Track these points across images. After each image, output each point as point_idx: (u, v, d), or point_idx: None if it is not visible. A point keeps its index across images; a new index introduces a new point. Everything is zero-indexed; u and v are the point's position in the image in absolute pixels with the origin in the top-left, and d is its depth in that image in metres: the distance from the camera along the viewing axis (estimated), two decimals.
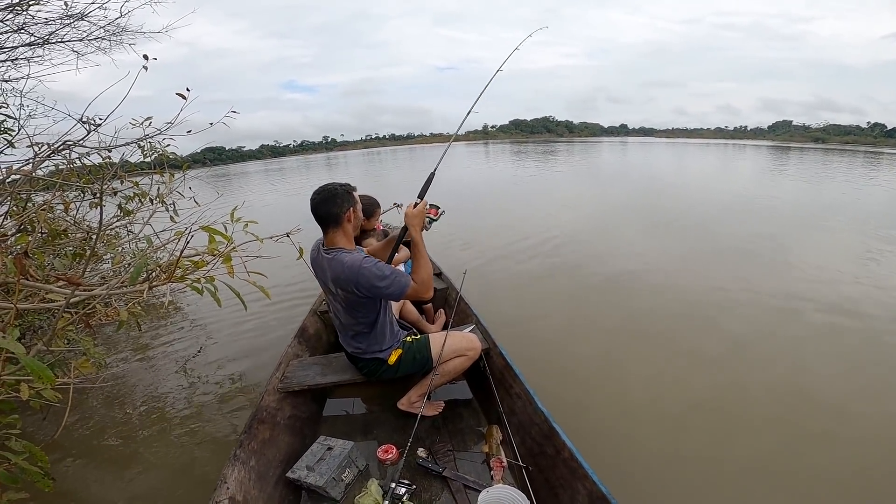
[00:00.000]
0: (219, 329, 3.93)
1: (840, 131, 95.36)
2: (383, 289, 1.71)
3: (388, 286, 1.71)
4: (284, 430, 1.93)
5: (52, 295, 1.46)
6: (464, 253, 5.81)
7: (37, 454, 1.29)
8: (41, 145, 1.98)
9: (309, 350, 2.56)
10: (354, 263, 1.70)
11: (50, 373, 1.11)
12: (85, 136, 2.00)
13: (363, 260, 1.72)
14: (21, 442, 1.30)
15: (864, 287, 4.42)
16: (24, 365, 1.00)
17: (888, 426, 2.41)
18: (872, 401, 2.64)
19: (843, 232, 6.91)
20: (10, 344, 0.95)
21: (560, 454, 1.62)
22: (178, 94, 1.79)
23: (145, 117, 2.32)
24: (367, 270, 1.69)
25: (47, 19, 2.47)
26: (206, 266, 1.10)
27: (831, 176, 16.23)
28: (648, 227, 7.18)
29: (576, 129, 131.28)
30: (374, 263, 1.72)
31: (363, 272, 1.69)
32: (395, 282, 1.72)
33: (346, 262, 1.72)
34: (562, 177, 16.65)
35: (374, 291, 1.73)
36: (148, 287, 1.03)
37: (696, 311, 3.92)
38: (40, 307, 1.31)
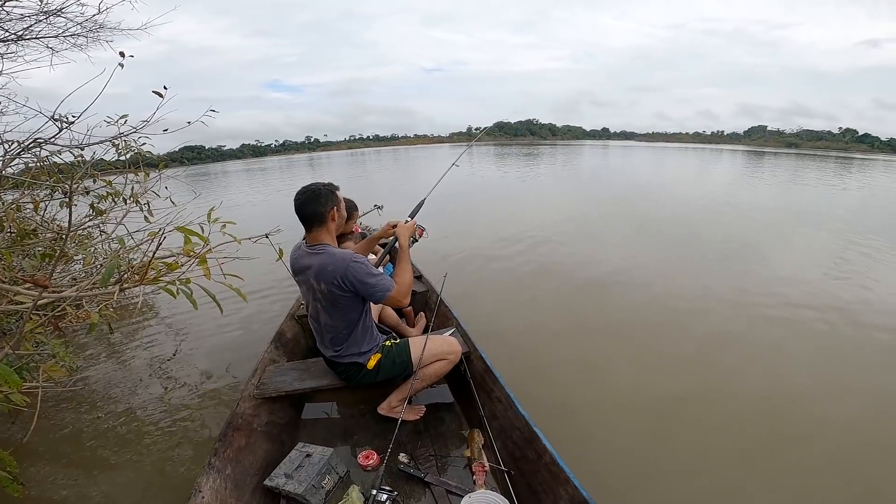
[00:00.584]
0: (195, 332, 3.85)
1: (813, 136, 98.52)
2: (370, 286, 1.73)
3: (374, 284, 1.74)
4: (261, 437, 1.89)
5: (19, 297, 1.41)
6: (444, 256, 5.81)
7: (5, 459, 1.26)
8: (11, 143, 1.91)
9: (286, 355, 2.51)
10: (345, 256, 1.73)
11: (17, 377, 1.08)
12: (57, 134, 1.95)
13: (353, 255, 1.75)
14: None
15: (835, 288, 4.58)
16: None
17: (863, 423, 2.50)
18: (844, 399, 2.73)
19: (815, 235, 7.16)
20: None
21: (541, 458, 1.62)
22: (154, 92, 1.76)
23: (120, 115, 2.27)
24: (358, 265, 1.72)
25: (22, 15, 2.40)
26: (181, 268, 1.08)
27: (804, 181, 16.86)
28: (628, 231, 7.29)
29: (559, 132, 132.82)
30: (364, 261, 1.75)
31: (353, 266, 1.71)
32: (380, 282, 1.75)
33: (337, 255, 1.74)
34: (544, 180, 16.83)
35: (359, 287, 1.74)
36: (119, 289, 1.01)
37: (676, 315, 3.98)
38: (8, 309, 1.26)
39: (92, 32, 2.76)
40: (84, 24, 2.65)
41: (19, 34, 2.45)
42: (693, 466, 2.21)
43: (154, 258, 0.99)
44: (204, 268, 1.06)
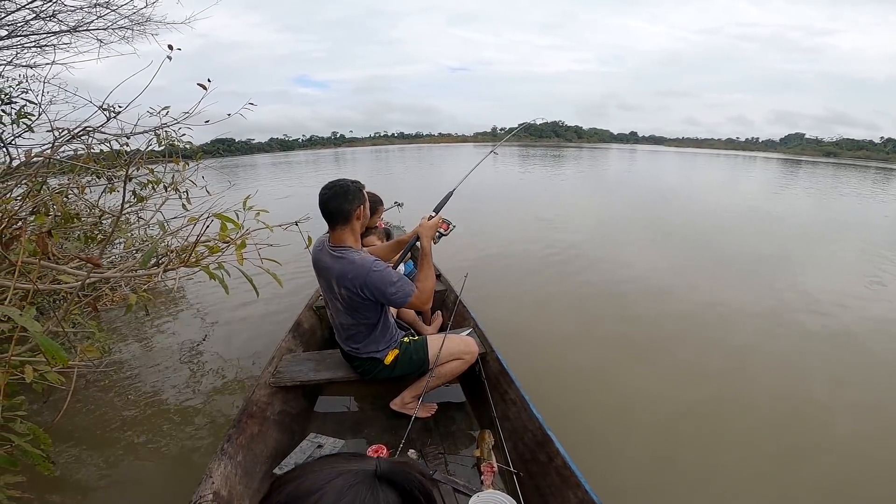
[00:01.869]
0: (222, 318, 3.95)
1: (853, 146, 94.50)
2: (389, 294, 1.71)
3: (394, 293, 1.71)
4: (274, 425, 1.90)
5: (63, 277, 1.48)
6: (465, 255, 5.79)
7: (41, 437, 1.29)
8: (62, 130, 2.01)
9: (303, 345, 2.53)
10: (365, 265, 1.70)
11: (63, 353, 1.13)
12: (105, 123, 2.04)
13: (373, 263, 1.72)
14: (26, 424, 1.30)
15: (866, 306, 4.41)
16: (39, 344, 1.02)
17: (878, 440, 2.44)
18: (864, 417, 2.66)
19: (849, 250, 6.87)
20: (26, 321, 0.97)
21: (553, 461, 1.61)
22: (199, 85, 1.82)
23: (162, 106, 2.35)
24: (377, 275, 1.70)
25: (74, 7, 2.52)
26: (221, 252, 1.12)
27: (841, 191, 16.17)
28: (653, 238, 7.15)
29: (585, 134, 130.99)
30: (383, 268, 1.73)
31: (372, 276, 1.69)
32: (401, 289, 1.73)
33: (357, 262, 1.71)
34: (569, 183, 16.64)
35: (379, 296, 1.72)
36: (163, 270, 1.05)
37: (697, 325, 3.91)
38: (55, 288, 1.33)
39: (139, 25, 2.88)
40: (132, 18, 2.76)
41: (73, 26, 2.58)
42: (706, 478, 2.17)
43: (198, 241, 1.03)
44: (237, 253, 1.09)
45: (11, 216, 1.50)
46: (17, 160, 2.39)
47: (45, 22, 2.59)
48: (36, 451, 1.27)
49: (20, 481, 1.29)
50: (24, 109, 2.50)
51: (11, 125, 2.48)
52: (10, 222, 1.38)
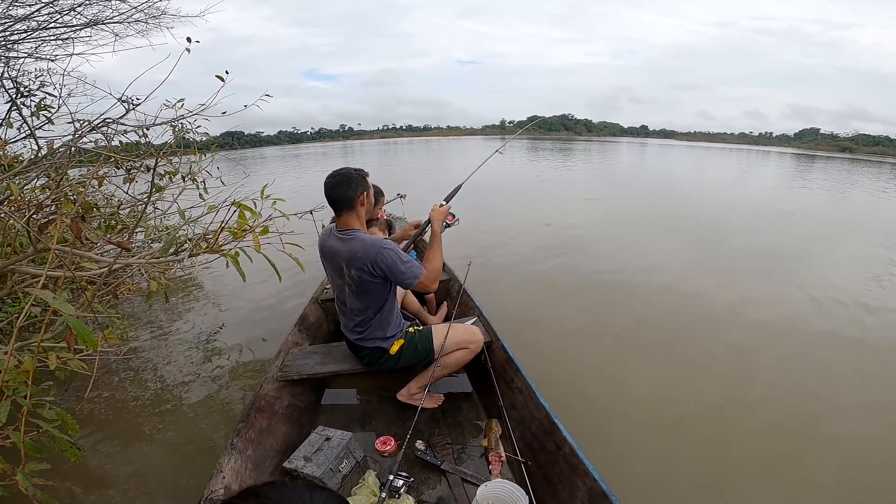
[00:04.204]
0: (237, 307, 4.01)
1: (869, 141, 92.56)
2: (400, 273, 1.75)
3: (405, 271, 1.75)
4: (282, 419, 1.92)
5: (87, 263, 1.53)
6: (470, 245, 5.77)
7: (69, 423, 1.31)
8: (83, 122, 2.06)
9: (309, 339, 2.55)
10: (376, 243, 1.75)
11: (93, 337, 1.16)
12: (124, 115, 2.09)
13: (384, 241, 1.77)
14: (55, 409, 1.32)
15: (876, 304, 4.35)
16: (72, 327, 1.05)
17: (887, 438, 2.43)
18: (878, 416, 2.64)
19: (860, 249, 6.77)
20: (61, 304, 1.01)
21: (560, 450, 1.61)
22: (217, 77, 1.86)
23: (178, 99, 2.40)
24: (388, 251, 1.74)
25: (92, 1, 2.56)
26: (244, 237, 1.16)
27: (856, 187, 15.92)
28: (663, 233, 7.11)
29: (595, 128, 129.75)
30: (394, 248, 1.77)
31: (384, 252, 1.73)
32: (410, 269, 1.77)
33: (368, 241, 1.76)
34: (579, 177, 16.51)
35: (389, 273, 1.76)
36: (188, 255, 1.09)
37: (704, 319, 3.90)
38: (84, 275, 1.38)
39: (154, 19, 2.92)
40: (147, 11, 2.81)
41: (92, 20, 2.62)
42: (716, 466, 2.18)
43: (223, 228, 1.07)
44: (255, 240, 1.13)
45: (39, 205, 1.55)
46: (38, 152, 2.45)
47: (63, 15, 2.64)
48: (64, 437, 1.30)
49: (45, 469, 1.33)
50: (43, 102, 2.55)
51: (31, 117, 2.54)
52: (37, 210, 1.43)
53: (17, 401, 1.20)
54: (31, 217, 1.50)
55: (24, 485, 1.15)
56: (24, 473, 1.17)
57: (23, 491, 1.16)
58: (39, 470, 1.31)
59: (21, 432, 1.15)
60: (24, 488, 1.15)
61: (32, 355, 1.22)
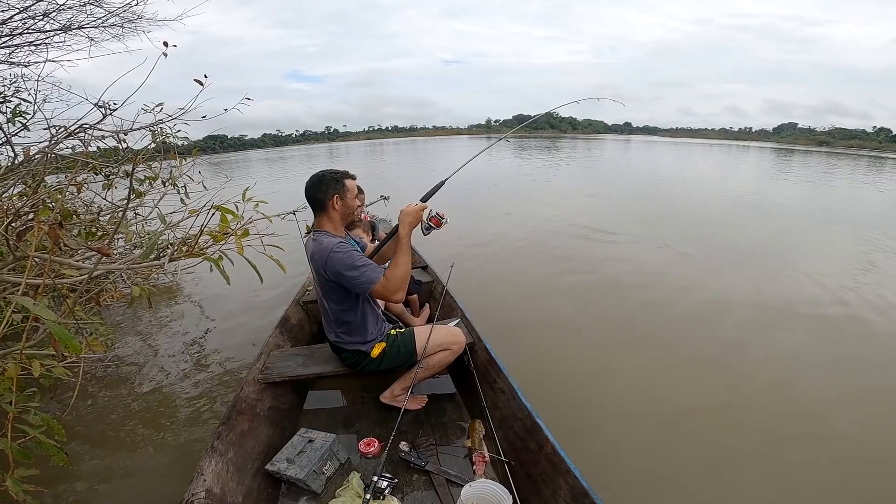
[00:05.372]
0: (221, 311, 3.98)
1: (845, 135, 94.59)
2: (350, 279, 1.70)
3: (355, 277, 1.69)
4: (264, 421, 1.91)
5: (67, 271, 1.52)
6: (452, 246, 5.76)
7: (55, 427, 1.31)
8: (59, 128, 2.04)
9: (291, 341, 2.53)
10: (328, 246, 1.71)
11: (76, 342, 1.17)
12: (101, 120, 2.07)
13: (337, 245, 1.72)
14: (40, 415, 1.32)
15: (861, 294, 4.44)
16: (53, 333, 1.05)
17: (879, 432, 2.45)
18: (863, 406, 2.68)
19: (843, 239, 6.96)
20: (41, 310, 1.01)
21: (543, 449, 1.62)
22: (196, 81, 1.85)
23: (156, 103, 2.38)
24: (338, 256, 1.69)
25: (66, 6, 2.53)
26: (224, 241, 1.17)
27: (834, 180, 16.32)
28: (646, 228, 7.18)
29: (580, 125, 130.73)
30: (347, 251, 1.71)
31: (333, 256, 1.69)
32: (363, 274, 1.69)
33: (323, 244, 1.73)
34: (563, 174, 16.65)
35: (339, 278, 1.72)
36: (168, 260, 1.10)
37: (688, 313, 3.93)
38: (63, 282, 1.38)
39: (130, 23, 2.89)
40: (123, 16, 2.78)
41: (65, 25, 2.59)
42: (700, 463, 2.20)
43: (202, 231, 1.08)
44: (238, 242, 1.14)
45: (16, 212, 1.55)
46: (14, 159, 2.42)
47: (37, 21, 2.60)
48: (50, 442, 1.30)
49: (34, 474, 1.32)
50: (18, 108, 2.51)
51: (7, 124, 2.50)
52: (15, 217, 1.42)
53: (1, 406, 1.20)
54: (8, 225, 1.49)
55: (14, 490, 1.15)
56: (14, 479, 1.17)
57: (13, 496, 1.16)
58: (28, 475, 1.31)
59: (8, 438, 1.15)
60: (15, 494, 1.15)
61: (15, 362, 1.23)
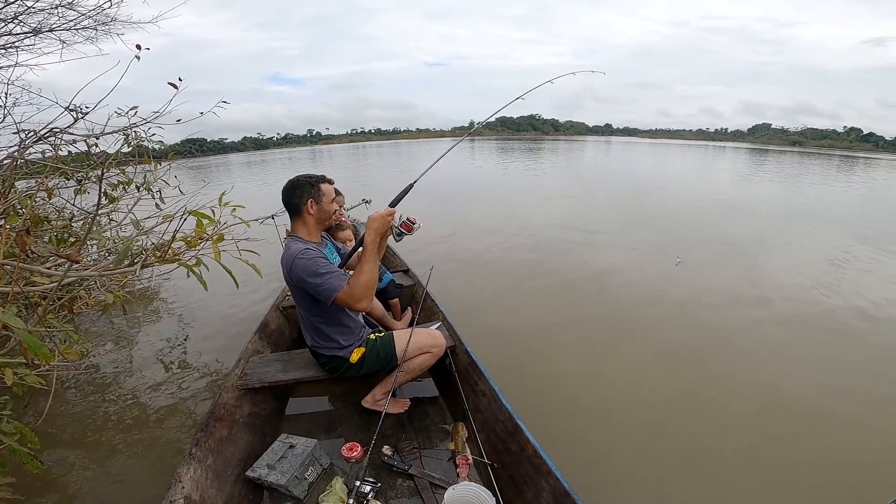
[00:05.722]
0: (198, 317, 3.94)
1: (817, 135, 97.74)
2: (313, 286, 1.68)
3: (318, 284, 1.67)
4: (244, 427, 1.89)
5: (38, 278, 1.49)
6: (433, 249, 5.78)
7: (27, 435, 1.30)
8: (28, 132, 1.99)
9: (270, 346, 2.51)
10: (294, 252, 1.70)
11: (46, 350, 1.15)
12: (72, 124, 2.03)
13: (303, 251, 1.70)
14: (13, 423, 1.30)
15: (835, 289, 4.57)
16: (23, 341, 1.04)
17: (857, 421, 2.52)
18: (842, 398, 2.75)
19: (816, 236, 7.18)
20: (9, 318, 0.99)
21: (524, 451, 1.64)
22: (170, 84, 1.83)
23: (130, 107, 2.34)
24: (301, 262, 1.67)
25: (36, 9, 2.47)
26: (198, 246, 1.16)
27: (808, 179, 16.87)
28: (627, 229, 7.27)
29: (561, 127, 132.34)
30: (312, 258, 1.68)
31: (297, 263, 1.67)
32: (326, 281, 1.66)
33: (290, 249, 1.72)
34: (545, 175, 16.80)
35: (303, 285, 1.70)
36: (141, 266, 1.09)
37: (666, 313, 3.99)
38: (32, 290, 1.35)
39: (103, 26, 2.83)
40: (96, 18, 2.72)
41: (36, 28, 2.53)
42: (679, 463, 2.23)
43: (175, 236, 1.07)
44: (215, 247, 1.13)
45: None
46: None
47: (7, 24, 2.53)
48: (24, 450, 1.28)
49: (10, 482, 1.29)
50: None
51: None
52: None
53: None
54: None
55: None
56: None
57: None
58: (5, 483, 1.27)
59: None
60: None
61: None
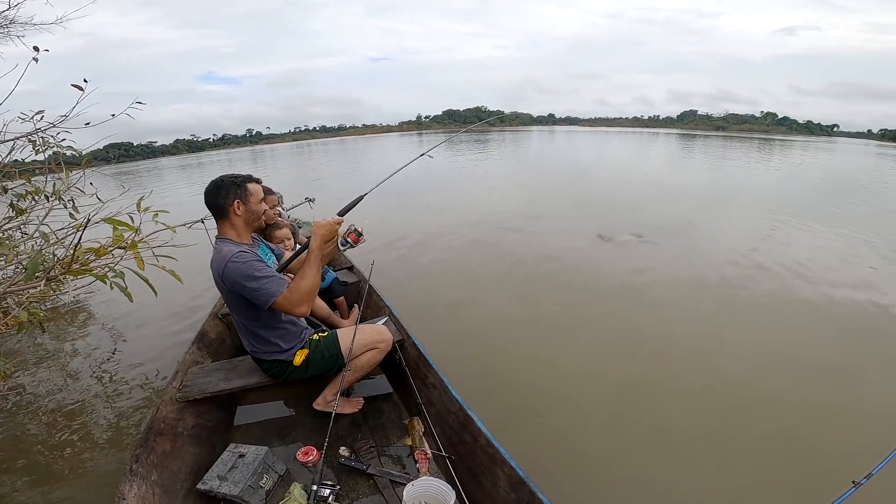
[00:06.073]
0: (136, 330, 3.75)
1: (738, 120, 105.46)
2: (249, 290, 1.62)
3: (254, 289, 1.61)
4: (189, 440, 1.83)
5: None
6: (376, 243, 5.71)
7: None
8: None
9: (211, 356, 2.43)
10: (226, 254, 1.63)
11: None
12: None
13: (237, 254, 1.63)
14: None
15: (764, 262, 4.90)
16: None
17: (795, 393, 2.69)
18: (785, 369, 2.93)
19: (744, 212, 7.71)
20: None
21: (477, 441, 1.64)
22: (73, 86, 1.72)
23: (36, 111, 2.17)
24: (235, 265, 1.61)
25: None
26: (109, 254, 1.12)
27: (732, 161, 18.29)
28: (571, 215, 7.44)
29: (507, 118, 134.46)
30: (246, 261, 1.63)
31: (230, 266, 1.61)
32: (263, 286, 1.61)
33: (222, 252, 1.65)
34: (492, 166, 17.01)
35: (238, 289, 1.64)
36: (45, 279, 1.04)
37: (609, 295, 4.14)
38: None
39: (1, 28, 2.58)
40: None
41: None
42: (626, 441, 2.31)
43: (80, 245, 1.03)
44: (136, 256, 1.09)
45: None
46: None
47: None
48: None
49: None
50: None
51: None
52: None
53: None
54: None
55: None
56: None
57: None
58: None
59: None
60: None
61: None
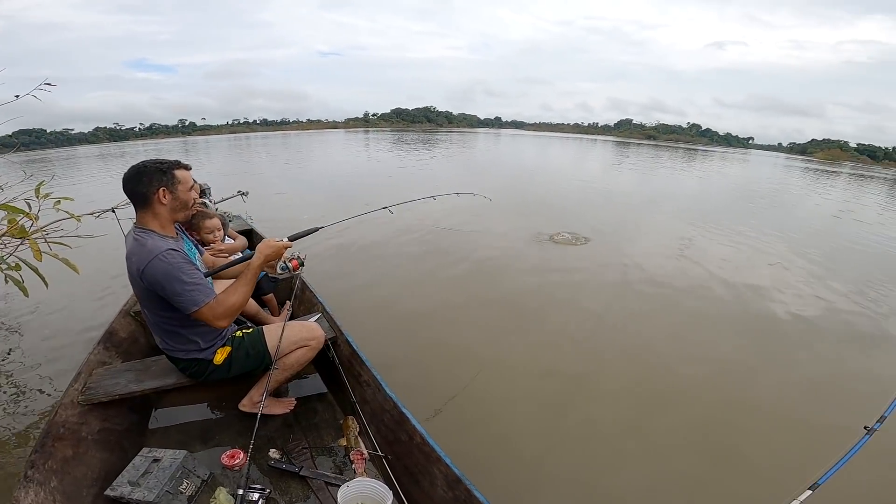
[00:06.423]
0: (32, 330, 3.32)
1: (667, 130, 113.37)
2: (171, 293, 1.50)
3: (179, 293, 1.49)
4: (94, 445, 1.71)
5: None
6: (312, 240, 5.59)
7: None
8: None
9: (121, 356, 2.25)
10: (153, 250, 1.49)
11: None
12: None
13: (166, 252, 1.49)
14: None
15: (688, 264, 5.25)
16: None
17: (716, 382, 2.90)
18: (700, 362, 3.14)
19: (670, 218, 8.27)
20: None
21: (413, 439, 1.63)
22: None
23: None
24: (162, 265, 1.47)
25: None
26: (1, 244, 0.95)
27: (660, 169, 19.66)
28: (510, 216, 7.58)
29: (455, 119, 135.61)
30: (176, 262, 1.50)
31: (157, 263, 1.47)
32: (188, 293, 1.50)
33: (148, 246, 1.50)
34: (438, 166, 17.12)
35: (156, 288, 1.50)
36: None
37: (543, 292, 4.26)
38: None
39: None
40: None
41: None
42: (558, 436, 2.37)
43: None
44: (32, 245, 0.93)
45: None
46: None
47: None
48: None
49: None
50: None
51: None
52: None
53: None
54: None
55: None
56: None
57: None
58: None
59: None
60: None
61: None
